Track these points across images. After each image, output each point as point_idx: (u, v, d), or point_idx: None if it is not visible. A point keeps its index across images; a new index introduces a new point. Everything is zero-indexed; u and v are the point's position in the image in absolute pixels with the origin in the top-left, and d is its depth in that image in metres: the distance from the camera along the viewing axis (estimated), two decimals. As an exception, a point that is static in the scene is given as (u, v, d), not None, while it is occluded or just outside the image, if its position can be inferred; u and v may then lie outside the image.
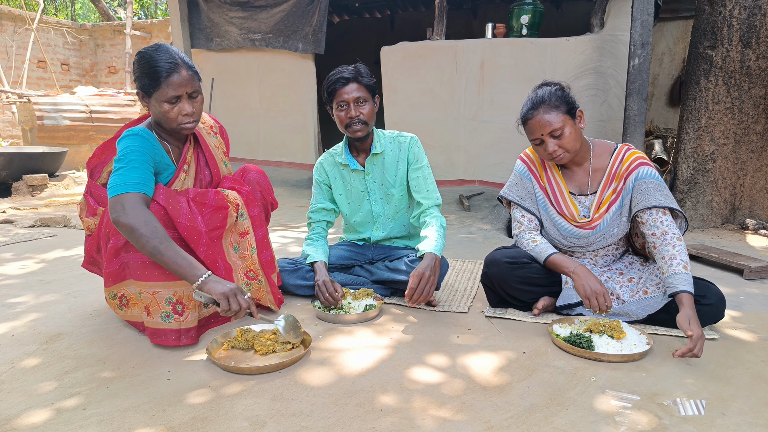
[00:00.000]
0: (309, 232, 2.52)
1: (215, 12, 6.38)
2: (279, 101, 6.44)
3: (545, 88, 2.05)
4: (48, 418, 1.43)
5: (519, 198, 2.22)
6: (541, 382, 1.63)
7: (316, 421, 1.40)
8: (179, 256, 1.69)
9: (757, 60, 3.95)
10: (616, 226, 2.09)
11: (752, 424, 1.40)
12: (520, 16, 5.11)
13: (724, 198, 4.17)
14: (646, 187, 2.01)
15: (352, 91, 2.22)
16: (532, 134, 2.03)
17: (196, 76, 1.87)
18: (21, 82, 9.97)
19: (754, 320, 2.18)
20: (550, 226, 2.19)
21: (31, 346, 1.90)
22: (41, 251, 3.37)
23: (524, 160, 2.26)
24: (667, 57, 6.77)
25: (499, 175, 5.38)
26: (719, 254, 3.07)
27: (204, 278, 1.68)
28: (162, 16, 19.20)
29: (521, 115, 2.06)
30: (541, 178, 2.21)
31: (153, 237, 1.67)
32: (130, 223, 1.67)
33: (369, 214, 2.48)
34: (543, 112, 1.98)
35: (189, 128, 1.90)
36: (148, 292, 1.83)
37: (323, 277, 2.25)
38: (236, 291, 1.70)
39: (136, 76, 1.86)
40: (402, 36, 6.19)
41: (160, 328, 1.84)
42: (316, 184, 2.52)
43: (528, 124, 2.03)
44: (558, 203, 2.16)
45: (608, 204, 2.08)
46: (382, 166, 2.41)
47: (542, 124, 1.98)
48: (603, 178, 2.11)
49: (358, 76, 2.24)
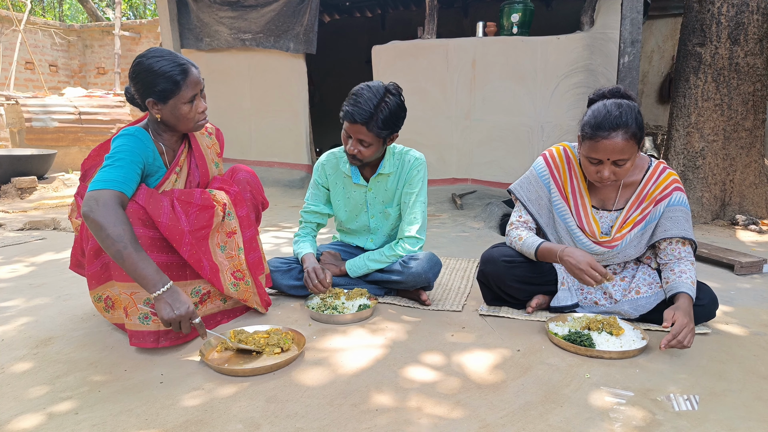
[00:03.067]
0: (299, 229, 2.49)
1: (205, 12, 6.33)
2: (270, 101, 6.41)
3: (626, 106, 1.78)
4: (39, 423, 1.41)
5: (527, 199, 2.11)
6: (536, 379, 1.63)
7: (311, 422, 1.40)
8: (140, 264, 1.65)
9: (745, 57, 3.99)
10: (633, 248, 2.01)
11: (745, 419, 1.41)
12: (510, 15, 5.13)
13: (714, 194, 4.20)
14: (677, 216, 1.92)
15: (358, 133, 2.06)
16: (594, 152, 1.79)
17: (199, 72, 1.92)
18: (8, 83, 9.86)
19: (745, 315, 2.20)
20: (566, 236, 2.07)
21: (21, 351, 1.88)
22: (31, 254, 3.34)
23: (548, 162, 2.08)
24: (657, 54, 6.82)
25: (492, 173, 5.39)
26: (710, 250, 3.10)
27: (158, 294, 1.66)
28: (151, 16, 19.07)
29: (590, 128, 1.79)
30: (564, 186, 2.06)
31: (118, 240, 1.64)
32: (99, 220, 1.65)
33: (365, 226, 2.45)
34: (620, 137, 1.74)
35: (204, 123, 1.95)
36: (126, 292, 1.81)
37: (312, 264, 2.23)
38: (182, 318, 1.66)
39: (145, 86, 1.82)
40: (393, 35, 6.19)
41: (139, 330, 1.81)
42: (314, 184, 2.45)
43: (597, 142, 1.77)
44: (579, 217, 2.04)
45: (633, 224, 1.97)
46: (385, 184, 2.33)
47: (614, 150, 1.75)
48: (632, 196, 1.98)
49: (369, 122, 2.02)
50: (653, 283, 2.04)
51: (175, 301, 1.68)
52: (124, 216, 1.71)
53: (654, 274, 2.07)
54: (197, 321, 1.71)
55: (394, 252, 2.29)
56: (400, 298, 2.40)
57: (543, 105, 5.06)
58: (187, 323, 1.69)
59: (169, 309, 1.66)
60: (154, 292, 1.66)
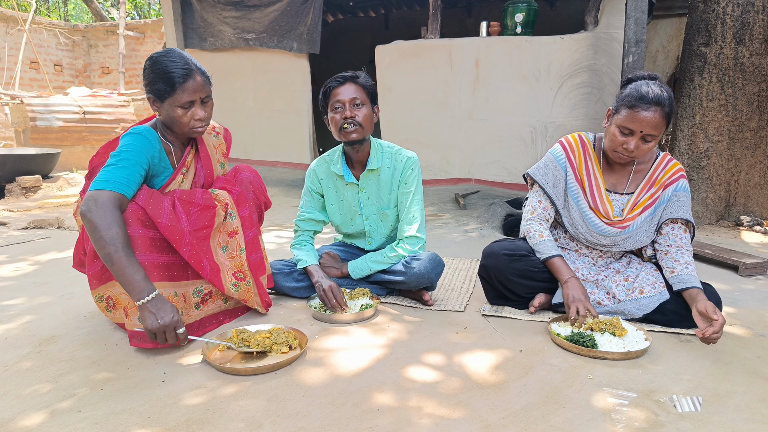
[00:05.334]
0: (295, 238, 2.46)
1: (208, 11, 6.35)
2: (273, 101, 6.42)
3: (667, 89, 1.90)
4: (42, 420, 1.41)
5: (546, 182, 2.16)
6: (538, 380, 1.63)
7: (312, 422, 1.40)
8: (128, 270, 1.64)
9: (750, 57, 3.97)
10: (644, 233, 2.08)
11: (749, 420, 1.40)
12: (514, 15, 5.12)
13: (718, 195, 4.18)
14: (682, 200, 2.04)
15: (349, 92, 2.14)
16: (630, 122, 1.88)
17: (208, 81, 1.90)
18: (13, 83, 9.91)
19: (749, 316, 2.19)
20: (578, 219, 2.13)
21: (24, 349, 1.88)
22: (35, 253, 3.35)
23: (564, 146, 2.16)
24: (661, 54, 6.79)
25: (495, 173, 5.38)
26: (714, 251, 3.08)
27: (142, 302, 1.65)
28: (155, 16, 19.11)
29: (633, 98, 1.88)
30: (579, 169, 2.13)
31: (110, 243, 1.64)
32: (95, 221, 1.65)
33: (361, 230, 2.43)
34: (658, 112, 1.86)
35: (200, 132, 1.92)
36: (125, 293, 1.81)
37: (327, 281, 2.21)
38: (166, 328, 1.65)
39: (148, 81, 1.84)
40: (397, 35, 6.19)
41: (138, 330, 1.81)
42: (307, 191, 2.44)
43: (636, 112, 1.87)
44: (593, 198, 2.11)
45: (643, 207, 2.07)
46: (377, 183, 2.32)
47: (648, 123, 1.86)
48: (643, 180, 2.09)
49: (355, 77, 2.17)
50: (656, 283, 2.04)
51: (160, 311, 1.66)
52: (120, 219, 1.71)
53: (657, 275, 2.07)
54: (181, 331, 1.70)
55: (395, 252, 2.28)
56: (402, 298, 2.39)
57: (546, 105, 5.05)
58: (172, 333, 1.67)
59: (153, 318, 1.64)
60: (139, 300, 1.65)
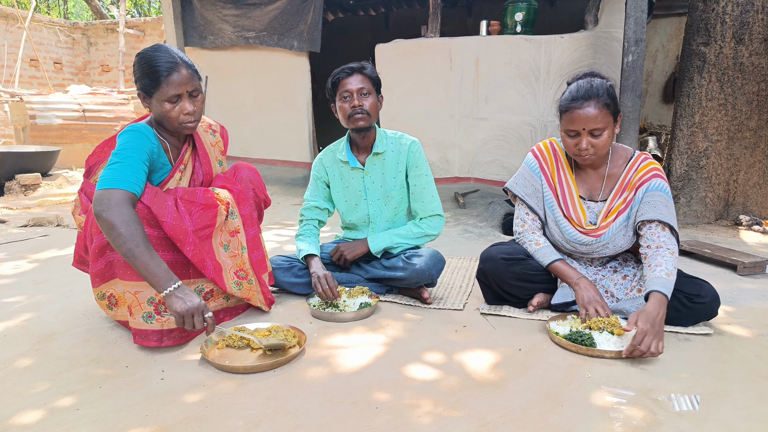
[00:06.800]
0: (300, 228, 2.49)
1: (209, 10, 6.34)
2: (273, 99, 6.42)
3: (599, 80, 1.90)
4: (41, 418, 1.42)
5: (525, 194, 2.15)
6: (537, 378, 1.63)
7: (311, 420, 1.40)
8: (151, 263, 1.66)
9: (750, 56, 3.97)
10: (622, 238, 2.04)
11: (746, 419, 1.40)
12: (514, 13, 5.12)
13: (717, 194, 4.19)
14: (655, 200, 1.94)
15: (356, 82, 2.24)
16: (571, 124, 1.90)
17: (195, 74, 1.89)
18: (13, 81, 9.90)
19: (747, 315, 2.19)
20: (554, 227, 2.12)
21: (23, 346, 1.88)
22: (34, 251, 3.35)
23: (536, 155, 2.15)
24: (661, 54, 6.79)
25: (495, 172, 5.38)
26: (713, 250, 3.09)
27: (168, 291, 1.66)
28: (155, 14, 19.09)
29: (566, 101, 1.91)
30: (551, 176, 2.12)
31: (130, 239, 1.65)
32: (112, 219, 1.65)
33: (365, 216, 2.45)
34: (592, 106, 1.85)
35: (191, 127, 1.91)
36: (131, 291, 1.82)
37: (323, 270, 2.24)
38: (195, 311, 1.67)
39: (136, 78, 1.85)
40: (397, 33, 6.18)
41: (143, 328, 1.82)
42: (313, 180, 2.50)
43: (572, 113, 1.88)
44: (566, 206, 2.09)
45: (617, 213, 2.02)
46: (382, 166, 2.39)
47: (588, 119, 1.86)
48: (616, 185, 2.04)
49: (362, 68, 2.27)
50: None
51: (187, 296, 1.69)
52: (136, 215, 1.71)
53: None
54: (209, 315, 1.72)
55: (419, 228, 2.39)
56: (401, 296, 2.40)
57: (546, 104, 5.05)
58: (200, 317, 1.69)
59: (182, 302, 1.67)
60: (166, 289, 1.66)
